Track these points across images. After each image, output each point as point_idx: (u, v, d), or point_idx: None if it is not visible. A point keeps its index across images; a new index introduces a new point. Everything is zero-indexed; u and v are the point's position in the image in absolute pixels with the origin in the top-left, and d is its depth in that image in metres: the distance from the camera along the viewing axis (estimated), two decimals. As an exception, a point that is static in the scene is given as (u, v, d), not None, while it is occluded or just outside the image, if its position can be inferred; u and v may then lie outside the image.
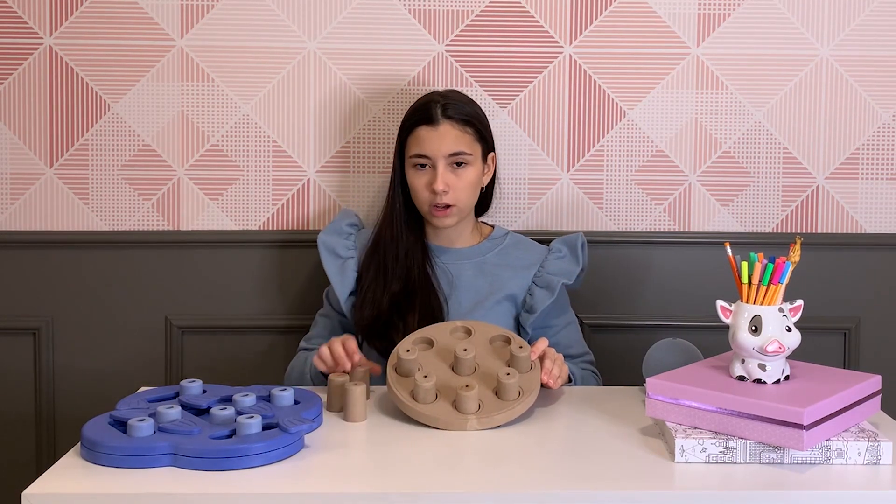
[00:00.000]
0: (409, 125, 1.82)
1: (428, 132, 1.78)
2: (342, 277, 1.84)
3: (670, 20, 2.07)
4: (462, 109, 1.81)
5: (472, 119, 1.81)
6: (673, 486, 1.25)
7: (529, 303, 1.82)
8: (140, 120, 2.06)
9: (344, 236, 1.90)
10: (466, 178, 1.79)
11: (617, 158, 2.10)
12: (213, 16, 2.04)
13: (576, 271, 1.84)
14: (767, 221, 2.11)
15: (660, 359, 1.65)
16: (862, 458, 1.30)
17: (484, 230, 1.93)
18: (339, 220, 1.93)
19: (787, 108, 2.09)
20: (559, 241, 1.89)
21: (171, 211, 2.08)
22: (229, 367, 2.09)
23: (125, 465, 1.26)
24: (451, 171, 1.78)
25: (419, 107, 1.82)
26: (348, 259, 1.86)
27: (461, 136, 1.79)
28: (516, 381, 1.47)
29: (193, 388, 1.47)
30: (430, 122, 1.79)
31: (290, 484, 1.22)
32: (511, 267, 1.85)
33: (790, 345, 1.36)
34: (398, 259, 1.82)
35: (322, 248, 1.87)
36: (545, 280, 1.83)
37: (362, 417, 1.48)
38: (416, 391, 1.46)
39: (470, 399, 1.43)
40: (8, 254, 2.07)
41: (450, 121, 1.79)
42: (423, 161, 1.79)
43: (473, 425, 1.42)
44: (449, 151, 1.77)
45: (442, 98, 1.81)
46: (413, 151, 1.80)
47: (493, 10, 2.06)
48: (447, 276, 1.84)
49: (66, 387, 2.09)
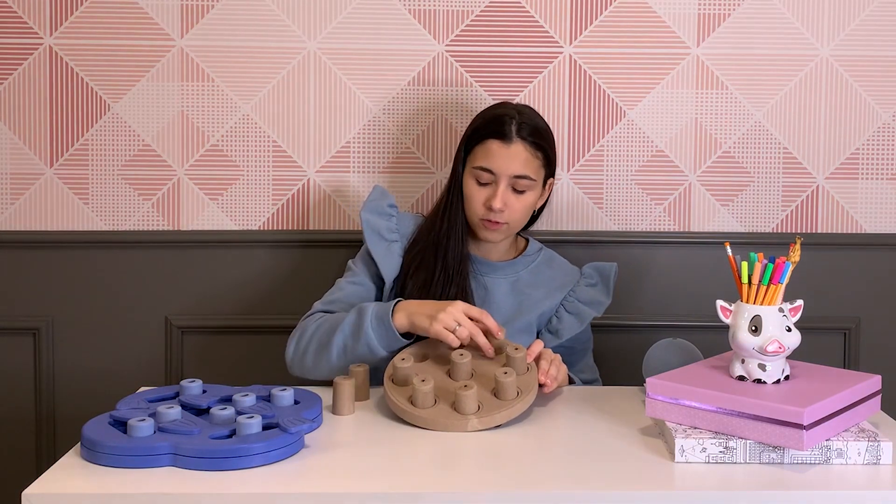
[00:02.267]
0: (480, 135, 1.76)
1: (499, 148, 1.73)
2: (388, 260, 1.78)
3: (670, 20, 2.07)
4: (537, 132, 1.75)
5: (544, 144, 1.76)
6: (673, 486, 1.25)
7: (556, 326, 1.81)
8: (140, 120, 2.06)
9: (385, 217, 1.83)
10: (525, 201, 1.75)
11: (617, 158, 2.10)
12: (213, 16, 2.04)
13: (605, 304, 1.82)
14: (767, 221, 2.11)
15: (660, 359, 1.65)
16: (862, 458, 1.30)
17: (519, 244, 1.90)
18: (378, 199, 1.84)
19: (787, 108, 2.09)
20: (592, 267, 1.86)
21: (171, 211, 2.08)
22: (229, 367, 2.09)
23: (125, 465, 1.25)
24: (510, 192, 1.74)
25: (493, 119, 1.76)
26: (392, 243, 1.80)
27: (531, 159, 1.74)
28: (514, 380, 1.47)
29: (193, 388, 1.47)
30: (504, 137, 1.73)
31: (290, 484, 1.22)
32: (542, 287, 1.83)
33: (790, 345, 1.36)
34: (452, 266, 1.77)
35: (367, 227, 1.80)
36: (576, 307, 1.81)
37: (350, 411, 1.50)
38: (415, 395, 1.45)
39: (469, 398, 1.43)
40: (8, 254, 2.07)
41: (523, 141, 1.73)
42: (487, 176, 1.74)
43: (474, 425, 1.42)
44: (516, 173, 1.73)
45: (518, 115, 1.75)
46: (479, 163, 1.75)
47: (493, 10, 2.06)
48: (482, 290, 1.81)
49: (66, 387, 2.09)
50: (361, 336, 1.60)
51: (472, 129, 1.79)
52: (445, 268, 1.77)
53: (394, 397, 1.47)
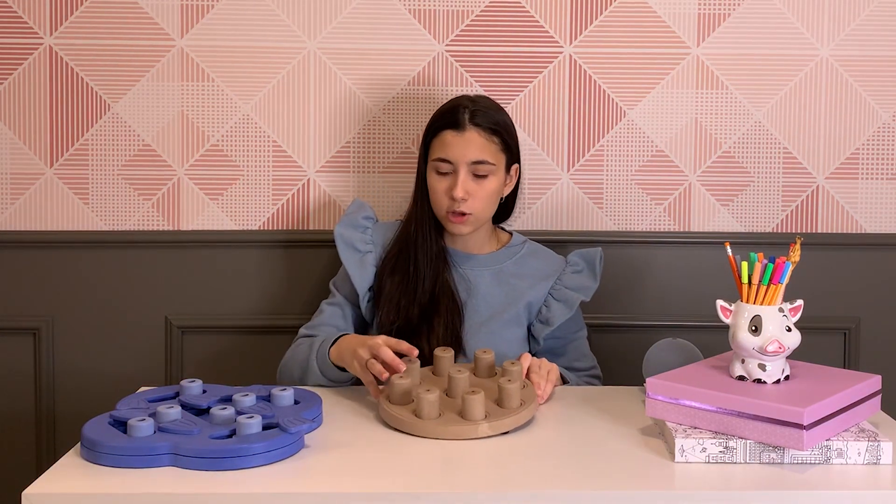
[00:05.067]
0: (435, 128, 1.79)
1: (453, 137, 1.75)
2: (361, 272, 1.81)
3: (670, 20, 2.07)
4: (490, 117, 1.77)
5: (500, 128, 1.77)
6: (673, 486, 1.25)
7: (546, 315, 1.82)
8: (140, 120, 2.06)
9: (361, 230, 1.86)
10: (487, 187, 1.76)
11: (617, 158, 2.10)
12: (213, 16, 2.04)
13: (593, 287, 1.84)
14: (767, 221, 2.11)
15: (660, 359, 1.65)
16: (862, 458, 1.30)
17: (502, 237, 1.91)
18: (354, 213, 1.88)
19: (787, 108, 2.09)
20: (577, 254, 1.88)
21: (171, 211, 2.08)
22: (229, 367, 2.09)
23: (125, 465, 1.26)
24: (471, 179, 1.75)
25: (447, 110, 1.79)
26: (367, 254, 1.83)
27: (487, 144, 1.76)
28: (518, 386, 1.46)
29: (193, 388, 1.47)
30: (457, 126, 1.75)
31: (290, 484, 1.22)
32: (528, 277, 1.84)
33: (790, 345, 1.36)
34: (425, 263, 1.79)
35: (339, 241, 1.82)
36: (563, 294, 1.82)
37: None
38: (420, 405, 1.41)
39: (477, 402, 1.41)
40: (8, 254, 2.07)
41: (477, 128, 1.75)
42: (446, 166, 1.76)
43: (485, 430, 1.40)
44: (472, 159, 1.74)
45: (471, 104, 1.78)
46: (436, 155, 1.77)
47: (493, 10, 2.06)
48: (465, 282, 1.82)
49: (66, 387, 2.09)
50: (309, 372, 1.67)
51: (429, 124, 1.81)
52: (417, 266, 1.79)
53: (398, 413, 1.43)
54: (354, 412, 1.52)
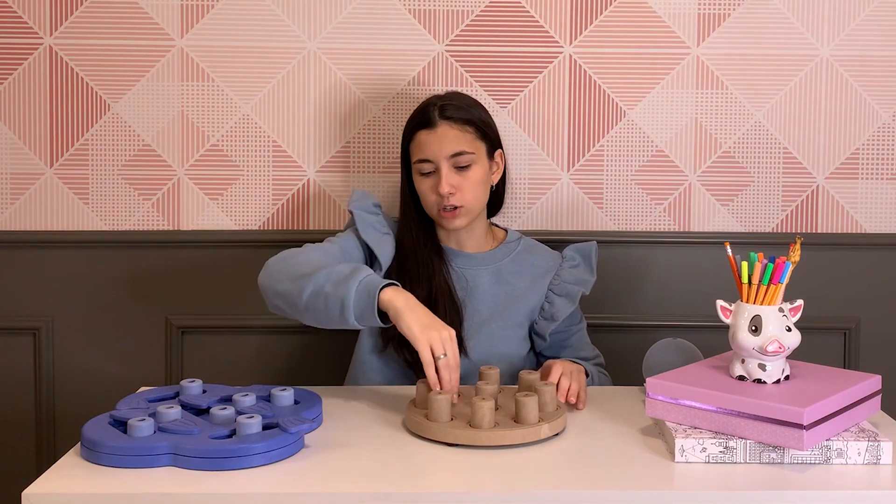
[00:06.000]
0: (409, 131, 1.80)
1: (427, 135, 1.76)
2: (383, 248, 1.78)
3: (670, 20, 2.07)
4: (460, 109, 1.78)
5: (471, 117, 1.78)
6: (673, 486, 1.25)
7: (549, 311, 1.82)
8: (140, 120, 2.06)
9: (374, 214, 1.84)
10: (472, 177, 1.77)
11: (617, 158, 2.10)
12: (213, 16, 2.04)
13: (591, 281, 1.85)
14: (767, 221, 2.11)
15: (660, 359, 1.65)
16: (862, 457, 1.30)
17: (498, 234, 1.92)
18: (362, 199, 1.84)
19: (787, 108, 2.09)
20: (572, 248, 1.88)
21: (171, 211, 2.08)
22: (229, 367, 2.09)
23: (125, 465, 1.26)
24: (455, 173, 1.76)
25: (417, 112, 1.80)
26: (384, 234, 1.81)
27: (461, 135, 1.77)
28: (535, 399, 1.40)
29: (193, 388, 1.47)
30: (429, 125, 1.77)
31: (290, 484, 1.22)
32: (526, 275, 1.84)
33: (790, 345, 1.36)
34: (421, 267, 1.78)
35: (359, 219, 1.79)
36: (563, 289, 1.83)
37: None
38: (431, 406, 1.38)
39: (485, 408, 1.36)
40: (8, 254, 2.07)
41: (448, 121, 1.76)
42: (427, 166, 1.77)
43: (545, 431, 1.37)
44: (450, 152, 1.75)
45: (439, 100, 1.80)
46: (416, 157, 1.78)
47: (493, 10, 2.06)
48: (462, 281, 1.82)
49: (66, 387, 2.09)
50: (342, 289, 1.51)
51: (404, 130, 1.82)
52: (420, 266, 1.78)
53: (450, 430, 1.38)
54: (354, 412, 1.52)
